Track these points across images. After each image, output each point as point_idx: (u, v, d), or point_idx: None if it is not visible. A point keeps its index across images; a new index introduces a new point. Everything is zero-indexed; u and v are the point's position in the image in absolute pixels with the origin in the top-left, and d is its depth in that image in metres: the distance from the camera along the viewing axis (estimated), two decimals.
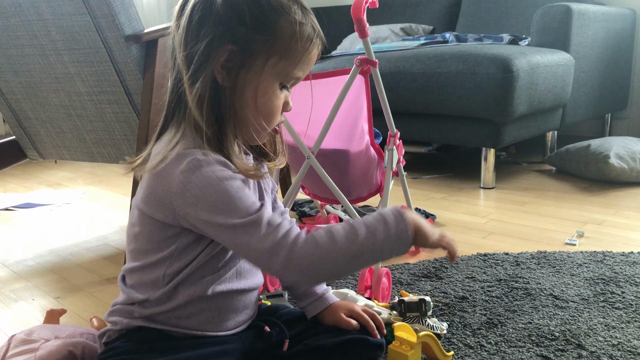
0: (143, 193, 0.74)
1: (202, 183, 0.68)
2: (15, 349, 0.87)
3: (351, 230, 0.70)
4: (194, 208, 0.68)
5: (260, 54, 0.71)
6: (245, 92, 0.72)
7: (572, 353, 0.94)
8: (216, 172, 0.69)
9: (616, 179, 2.12)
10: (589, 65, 2.50)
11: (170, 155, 0.71)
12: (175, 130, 0.74)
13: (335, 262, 0.69)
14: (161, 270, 0.75)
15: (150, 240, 0.75)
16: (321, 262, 0.68)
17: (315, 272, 0.69)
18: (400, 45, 2.52)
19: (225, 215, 0.68)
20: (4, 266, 1.51)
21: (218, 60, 0.70)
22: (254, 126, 0.74)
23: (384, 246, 0.70)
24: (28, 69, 1.54)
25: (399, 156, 1.30)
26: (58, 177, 2.73)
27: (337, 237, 0.69)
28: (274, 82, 0.73)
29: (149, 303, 0.75)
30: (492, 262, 1.37)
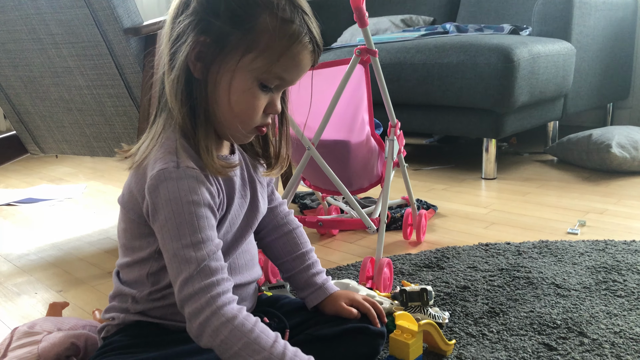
0: (124, 189, 0.75)
1: (165, 196, 0.67)
2: (18, 341, 0.87)
3: (269, 343, 0.67)
4: (153, 215, 0.69)
5: (235, 49, 0.68)
6: (218, 87, 0.69)
7: (574, 341, 0.94)
8: (181, 191, 0.67)
9: (618, 168, 2.11)
10: (590, 54, 2.48)
11: (151, 156, 0.71)
12: (159, 122, 0.74)
13: (231, 352, 0.66)
14: (145, 269, 0.75)
15: (132, 238, 0.75)
16: (216, 342, 0.66)
17: (210, 342, 0.66)
18: (401, 37, 2.51)
19: (171, 235, 0.67)
20: (7, 260, 1.51)
21: (192, 51, 0.68)
22: (227, 124, 0.72)
23: None
24: (27, 63, 1.53)
25: (399, 146, 1.30)
26: (59, 172, 2.73)
27: (252, 338, 0.66)
28: (250, 81, 0.69)
29: (140, 299, 0.76)
30: (493, 252, 1.37)
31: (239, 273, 0.80)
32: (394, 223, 1.61)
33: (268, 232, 0.91)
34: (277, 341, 0.68)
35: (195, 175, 0.68)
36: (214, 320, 0.66)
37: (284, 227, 0.91)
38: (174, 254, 0.67)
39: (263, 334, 0.67)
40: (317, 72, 1.15)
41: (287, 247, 0.90)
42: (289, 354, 0.67)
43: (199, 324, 0.66)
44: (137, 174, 0.72)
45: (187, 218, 0.67)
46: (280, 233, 0.91)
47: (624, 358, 0.88)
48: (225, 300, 0.67)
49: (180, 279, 0.66)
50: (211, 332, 0.66)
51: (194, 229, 0.67)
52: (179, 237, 0.67)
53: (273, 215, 0.92)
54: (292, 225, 0.92)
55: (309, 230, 1.61)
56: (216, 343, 0.66)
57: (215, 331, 0.65)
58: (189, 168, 0.68)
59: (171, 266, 0.67)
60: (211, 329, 0.66)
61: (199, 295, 0.66)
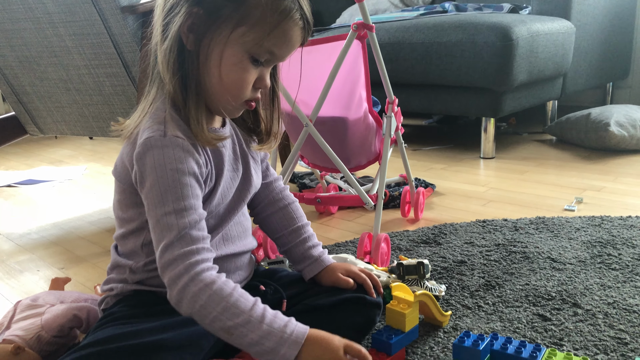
0: (116, 161, 0.76)
1: (151, 163, 0.68)
2: (21, 313, 0.89)
3: (246, 310, 0.67)
4: (140, 183, 0.70)
5: (226, 21, 0.69)
6: (209, 58, 0.70)
7: (568, 311, 0.96)
8: (167, 158, 0.68)
9: (616, 146, 2.12)
10: (590, 33, 2.47)
11: (140, 125, 0.72)
12: (151, 93, 0.75)
13: (207, 317, 0.66)
14: (139, 239, 0.76)
15: (124, 208, 0.77)
16: (196, 308, 0.66)
17: (188, 311, 0.67)
18: (400, 16, 2.49)
19: (155, 201, 0.68)
20: (9, 239, 1.53)
21: (185, 22, 0.69)
22: (217, 96, 0.73)
23: (255, 347, 0.67)
24: (24, 43, 1.53)
25: (397, 123, 1.30)
26: (59, 154, 2.74)
27: (231, 301, 0.66)
28: (241, 54, 0.70)
29: (138, 269, 0.77)
30: (490, 228, 1.38)
31: (232, 243, 0.82)
32: (392, 201, 1.63)
33: (264, 208, 0.93)
34: (256, 304, 0.68)
35: (182, 145, 0.69)
36: (192, 286, 0.66)
37: (279, 202, 0.92)
38: (157, 220, 0.68)
39: (242, 298, 0.68)
40: (314, 48, 1.16)
41: (283, 222, 0.91)
42: (269, 316, 0.68)
43: (178, 291, 0.67)
44: (128, 144, 0.73)
45: (171, 185, 0.68)
46: (276, 208, 0.92)
47: (616, 327, 0.90)
48: (204, 267, 0.68)
49: (161, 245, 0.67)
50: (190, 298, 0.66)
51: (177, 197, 0.68)
52: (162, 204, 0.68)
53: (268, 191, 0.93)
54: (288, 200, 0.93)
55: (308, 208, 1.62)
56: (195, 309, 0.67)
57: (194, 297, 0.66)
58: (176, 137, 0.69)
59: (154, 232, 0.69)
60: (190, 294, 0.66)
61: (178, 261, 0.67)
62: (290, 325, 0.68)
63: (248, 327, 0.66)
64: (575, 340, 0.87)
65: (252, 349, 0.67)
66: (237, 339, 0.67)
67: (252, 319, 0.67)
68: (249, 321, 0.66)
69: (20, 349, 0.79)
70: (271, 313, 0.69)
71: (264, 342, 0.66)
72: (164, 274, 0.68)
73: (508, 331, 0.91)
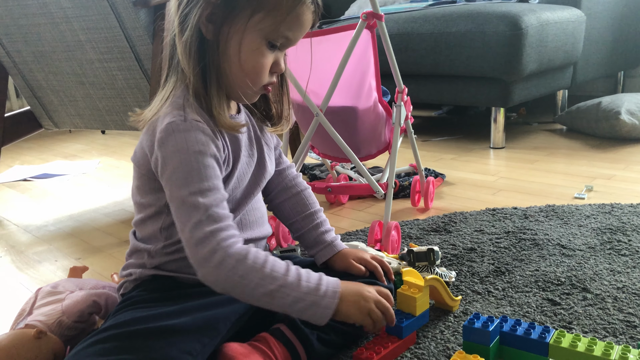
0: (136, 147, 0.78)
1: (173, 147, 0.70)
2: (42, 300, 0.92)
3: (283, 270, 0.71)
4: (162, 166, 0.72)
5: (244, 8, 0.71)
6: (228, 46, 0.73)
7: (577, 296, 0.97)
8: (189, 141, 0.70)
9: (627, 135, 2.11)
10: (601, 21, 2.46)
11: (161, 111, 0.74)
12: (170, 82, 0.77)
13: (248, 287, 0.69)
14: (158, 223, 0.78)
15: (144, 193, 0.79)
16: (235, 280, 0.69)
17: (226, 284, 0.69)
18: (408, 7, 2.49)
19: (179, 184, 0.70)
20: (26, 231, 1.56)
21: (203, 12, 0.71)
22: (237, 82, 0.75)
23: (298, 304, 0.70)
24: (39, 38, 1.56)
25: (407, 112, 1.31)
26: (73, 149, 2.78)
27: (266, 267, 0.70)
28: (259, 39, 0.73)
29: (155, 253, 0.79)
30: (500, 216, 1.39)
31: (249, 229, 0.84)
32: (402, 191, 1.64)
33: (277, 194, 0.94)
34: (289, 265, 0.73)
35: (202, 128, 0.72)
36: (228, 260, 0.68)
37: (292, 188, 0.94)
38: (182, 201, 0.70)
39: (276, 262, 0.72)
40: (324, 38, 1.17)
41: (296, 208, 0.93)
42: (304, 274, 0.73)
43: (214, 267, 0.68)
44: (148, 131, 0.75)
45: (194, 167, 0.70)
46: (289, 194, 0.94)
47: (625, 311, 0.91)
48: (235, 241, 0.70)
49: (190, 224, 0.69)
50: (228, 272, 0.68)
51: (201, 178, 0.70)
52: (187, 185, 0.70)
53: (281, 178, 0.94)
54: (301, 187, 0.95)
55: (319, 198, 1.63)
56: (235, 281, 0.69)
57: (233, 269, 0.68)
58: (197, 122, 0.72)
59: (179, 213, 0.70)
60: (228, 268, 0.68)
61: (210, 238, 0.69)
62: (324, 278, 0.74)
63: (288, 288, 0.70)
64: (584, 323, 0.88)
65: (295, 307, 0.71)
66: (280, 301, 0.70)
67: (290, 279, 0.71)
68: (287, 282, 0.70)
69: (42, 333, 0.81)
70: (304, 271, 0.73)
71: (306, 297, 0.71)
72: (196, 251, 0.69)
73: (518, 315, 0.92)
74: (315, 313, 0.72)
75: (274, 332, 0.78)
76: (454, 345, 0.84)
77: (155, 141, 0.72)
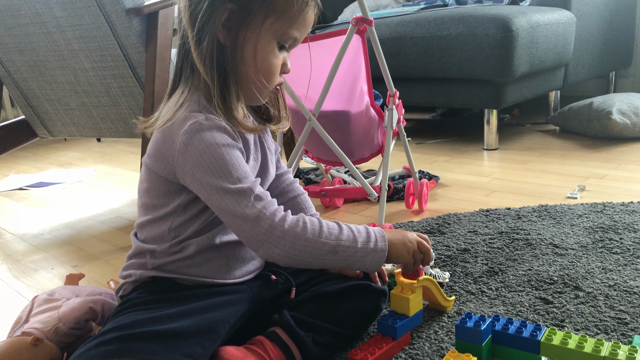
0: (150, 150, 0.78)
1: (201, 146, 0.73)
2: (38, 307, 0.92)
3: (338, 228, 0.77)
4: (192, 167, 0.73)
5: (258, 13, 0.74)
6: (245, 50, 0.75)
7: (570, 294, 0.98)
8: (215, 137, 0.73)
9: (619, 134, 2.13)
10: (591, 23, 2.48)
11: (177, 115, 0.75)
12: (182, 89, 0.79)
13: (313, 249, 0.74)
14: (167, 224, 0.79)
15: (157, 196, 0.79)
16: (301, 244, 0.74)
17: (293, 251, 0.74)
18: (400, 11, 2.51)
19: (217, 177, 0.72)
20: (23, 240, 1.57)
21: (220, 19, 0.74)
22: (255, 83, 0.77)
23: (358, 253, 0.77)
24: (33, 47, 1.57)
25: (399, 116, 1.32)
26: (68, 157, 2.78)
27: (324, 228, 0.76)
28: (272, 41, 0.76)
29: (159, 253, 0.80)
30: (494, 217, 1.40)
31: None
32: (396, 193, 1.65)
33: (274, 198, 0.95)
34: (337, 222, 0.79)
35: (224, 127, 0.75)
36: (291, 228, 0.73)
37: (289, 193, 0.96)
38: (225, 192, 0.72)
39: (327, 222, 0.78)
40: (315, 44, 1.18)
41: (292, 212, 0.94)
42: (352, 226, 0.78)
43: (279, 237, 0.73)
44: (164, 133, 0.76)
45: (227, 159, 0.73)
46: (285, 199, 0.95)
47: (617, 308, 0.92)
48: (285, 213, 0.75)
49: (241, 208, 0.72)
50: (294, 238, 0.73)
51: (235, 167, 0.74)
52: (226, 176, 0.73)
53: (279, 182, 0.96)
54: (297, 191, 0.97)
55: (314, 202, 1.64)
56: (301, 244, 0.74)
57: (298, 236, 0.73)
58: (218, 120, 0.75)
59: (226, 203, 0.72)
60: (293, 235, 0.73)
61: (266, 214, 0.73)
62: (369, 228, 0.79)
63: (347, 241, 0.76)
64: (576, 321, 0.89)
65: (356, 257, 0.77)
66: (342, 255, 0.76)
67: (345, 234, 0.76)
68: (344, 236, 0.76)
69: (39, 340, 0.82)
70: (350, 225, 0.79)
71: (365, 246, 0.77)
72: (256, 230, 0.72)
73: (511, 314, 0.93)
74: (374, 258, 0.77)
75: (270, 335, 0.79)
76: (448, 346, 0.85)
77: (176, 144, 0.74)
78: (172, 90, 0.81)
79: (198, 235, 0.79)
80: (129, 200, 1.90)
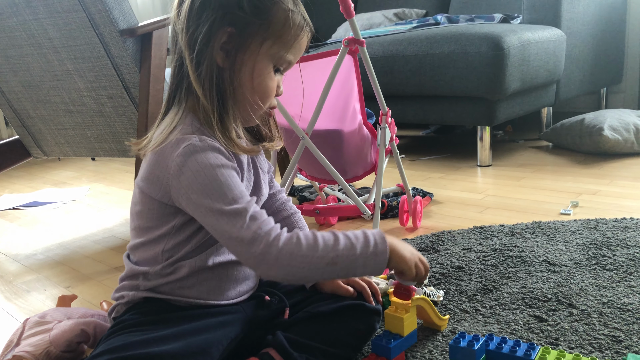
0: (143, 172, 0.78)
1: (195, 167, 0.73)
2: (30, 330, 0.91)
3: (333, 238, 0.75)
4: (187, 190, 0.73)
5: (256, 36, 0.76)
6: (242, 72, 0.77)
7: (564, 312, 0.98)
8: (210, 159, 0.73)
9: (611, 150, 2.15)
10: (581, 40, 2.51)
11: (170, 138, 0.76)
12: (176, 111, 0.79)
13: (310, 264, 0.73)
14: (160, 246, 0.79)
15: (150, 218, 0.79)
16: (298, 261, 0.73)
17: (290, 269, 0.73)
18: (393, 30, 2.54)
19: (212, 199, 0.72)
20: (15, 261, 1.56)
21: (219, 41, 0.75)
22: (251, 105, 0.78)
23: (358, 260, 0.75)
24: (27, 68, 1.57)
25: (391, 134, 1.33)
26: (62, 176, 2.78)
27: (319, 241, 0.74)
28: (269, 64, 0.78)
29: (151, 275, 0.79)
30: (487, 234, 1.40)
31: None
32: (390, 211, 1.65)
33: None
34: (332, 232, 0.77)
35: (218, 148, 0.75)
36: (285, 246, 0.72)
37: (282, 212, 0.96)
38: (221, 213, 0.72)
39: (322, 234, 0.76)
40: (308, 64, 1.19)
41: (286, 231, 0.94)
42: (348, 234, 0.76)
43: (275, 256, 0.72)
44: (157, 156, 0.76)
45: (222, 180, 0.73)
46: (279, 218, 0.95)
47: (611, 326, 0.92)
48: (280, 232, 0.74)
49: (236, 229, 0.72)
50: (289, 255, 0.72)
51: (230, 187, 0.73)
52: (221, 198, 0.72)
53: (272, 202, 0.96)
54: (291, 211, 0.97)
55: (309, 220, 1.64)
56: (298, 260, 0.72)
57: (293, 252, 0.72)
58: (211, 141, 0.75)
59: (221, 225, 0.72)
60: (288, 253, 0.72)
61: (260, 235, 0.72)
62: (366, 231, 0.77)
63: (345, 250, 0.74)
64: (570, 339, 0.89)
65: (357, 265, 0.75)
66: (342, 265, 0.74)
67: (342, 243, 0.75)
68: (341, 246, 0.74)
69: None
70: (347, 232, 0.77)
71: (364, 252, 0.74)
72: (251, 251, 0.72)
73: (505, 333, 0.93)
74: (376, 262, 0.75)
75: (263, 356, 0.78)
76: None
77: (171, 167, 0.74)
78: (165, 112, 0.81)
79: (191, 257, 0.79)
80: (123, 219, 1.89)
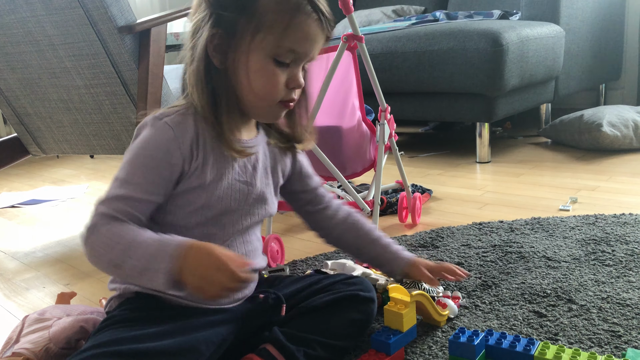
0: None
1: (136, 138, 0.76)
2: (29, 327, 0.91)
3: (131, 239, 0.71)
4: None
5: (244, 34, 0.73)
6: (237, 71, 0.75)
7: (563, 307, 0.98)
8: (148, 135, 0.75)
9: (610, 146, 2.15)
10: (580, 36, 2.51)
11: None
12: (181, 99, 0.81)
13: (106, 260, 0.72)
14: None
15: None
16: (99, 252, 0.73)
17: (94, 259, 0.74)
18: (392, 26, 2.54)
19: (122, 164, 0.75)
20: (14, 258, 1.55)
21: (210, 44, 0.74)
22: (252, 104, 0.78)
23: (139, 266, 0.70)
24: (25, 65, 1.57)
25: (390, 130, 1.33)
26: (61, 174, 2.77)
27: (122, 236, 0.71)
28: (264, 59, 0.74)
29: None
30: (487, 230, 1.40)
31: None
32: (389, 207, 1.65)
33: (332, 228, 0.99)
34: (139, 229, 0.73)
35: (168, 133, 0.75)
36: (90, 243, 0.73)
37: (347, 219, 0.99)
38: (113, 178, 0.75)
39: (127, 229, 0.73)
40: None
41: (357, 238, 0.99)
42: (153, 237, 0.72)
43: (84, 241, 0.74)
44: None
45: (140, 160, 0.74)
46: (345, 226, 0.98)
47: (610, 321, 0.92)
48: (106, 224, 0.72)
49: (99, 199, 0.74)
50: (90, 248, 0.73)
51: (133, 169, 0.74)
52: (123, 169, 0.75)
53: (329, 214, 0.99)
54: (348, 214, 1.00)
55: None
56: (90, 254, 0.74)
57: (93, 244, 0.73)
58: (168, 125, 0.75)
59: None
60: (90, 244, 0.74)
61: (97, 216, 0.74)
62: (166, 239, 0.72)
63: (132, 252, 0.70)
64: (570, 334, 0.89)
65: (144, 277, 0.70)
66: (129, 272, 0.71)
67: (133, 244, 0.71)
68: (130, 246, 0.71)
69: None
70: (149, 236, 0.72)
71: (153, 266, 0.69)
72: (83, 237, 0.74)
73: (504, 328, 0.93)
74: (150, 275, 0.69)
75: (260, 352, 0.78)
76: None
77: None
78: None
79: None
80: None
